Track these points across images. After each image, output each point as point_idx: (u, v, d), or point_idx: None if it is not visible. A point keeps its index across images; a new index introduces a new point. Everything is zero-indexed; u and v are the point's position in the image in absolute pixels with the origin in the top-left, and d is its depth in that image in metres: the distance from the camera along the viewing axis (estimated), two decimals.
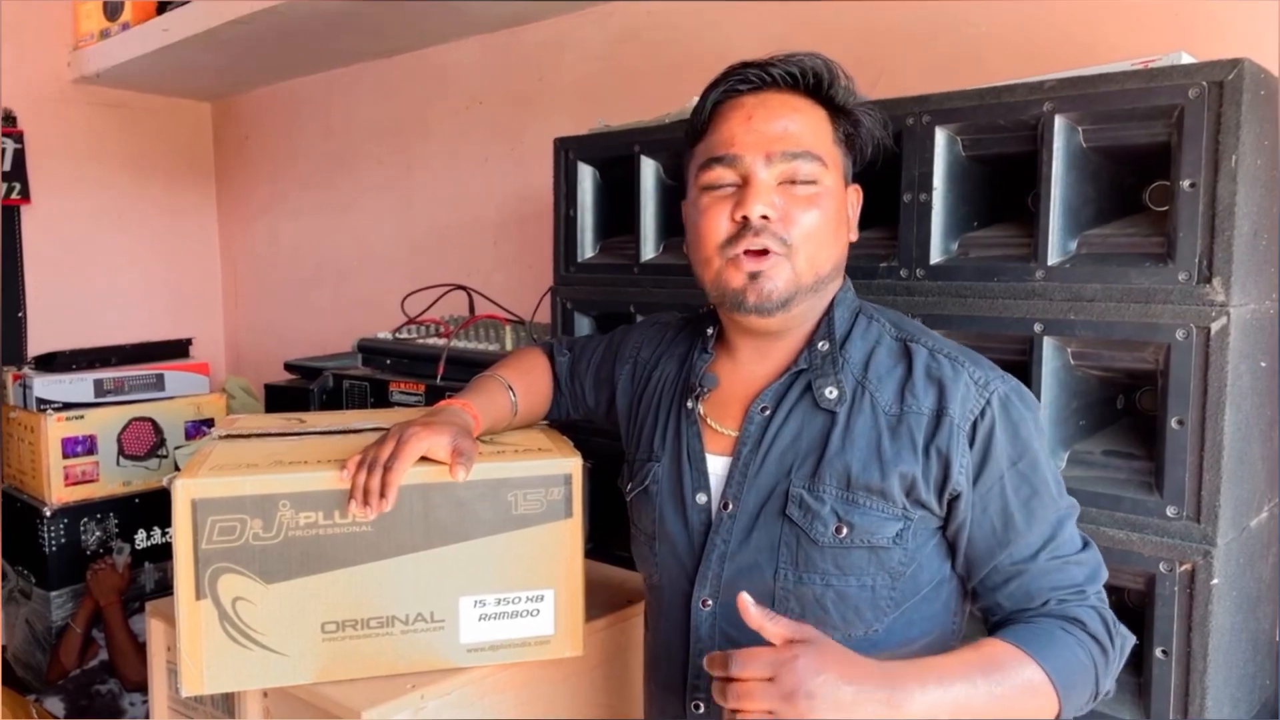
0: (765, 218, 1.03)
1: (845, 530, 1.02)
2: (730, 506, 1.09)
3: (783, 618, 0.90)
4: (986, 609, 1.07)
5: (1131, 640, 1.04)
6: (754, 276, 1.04)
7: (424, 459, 1.16)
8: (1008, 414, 1.02)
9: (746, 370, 1.14)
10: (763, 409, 1.10)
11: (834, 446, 1.04)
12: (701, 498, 1.12)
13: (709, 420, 1.15)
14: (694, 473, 1.13)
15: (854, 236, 1.14)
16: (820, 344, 1.09)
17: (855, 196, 1.14)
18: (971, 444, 1.01)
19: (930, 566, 1.05)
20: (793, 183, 1.04)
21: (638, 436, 1.24)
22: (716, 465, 1.12)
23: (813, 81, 1.07)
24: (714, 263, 1.07)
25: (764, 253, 1.03)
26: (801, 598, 1.05)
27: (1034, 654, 0.94)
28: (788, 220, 1.03)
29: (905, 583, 1.04)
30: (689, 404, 1.16)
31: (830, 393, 1.06)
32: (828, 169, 1.06)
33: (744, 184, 1.05)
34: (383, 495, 1.13)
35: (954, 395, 1.02)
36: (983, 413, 1.01)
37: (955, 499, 1.02)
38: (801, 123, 1.05)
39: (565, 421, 1.45)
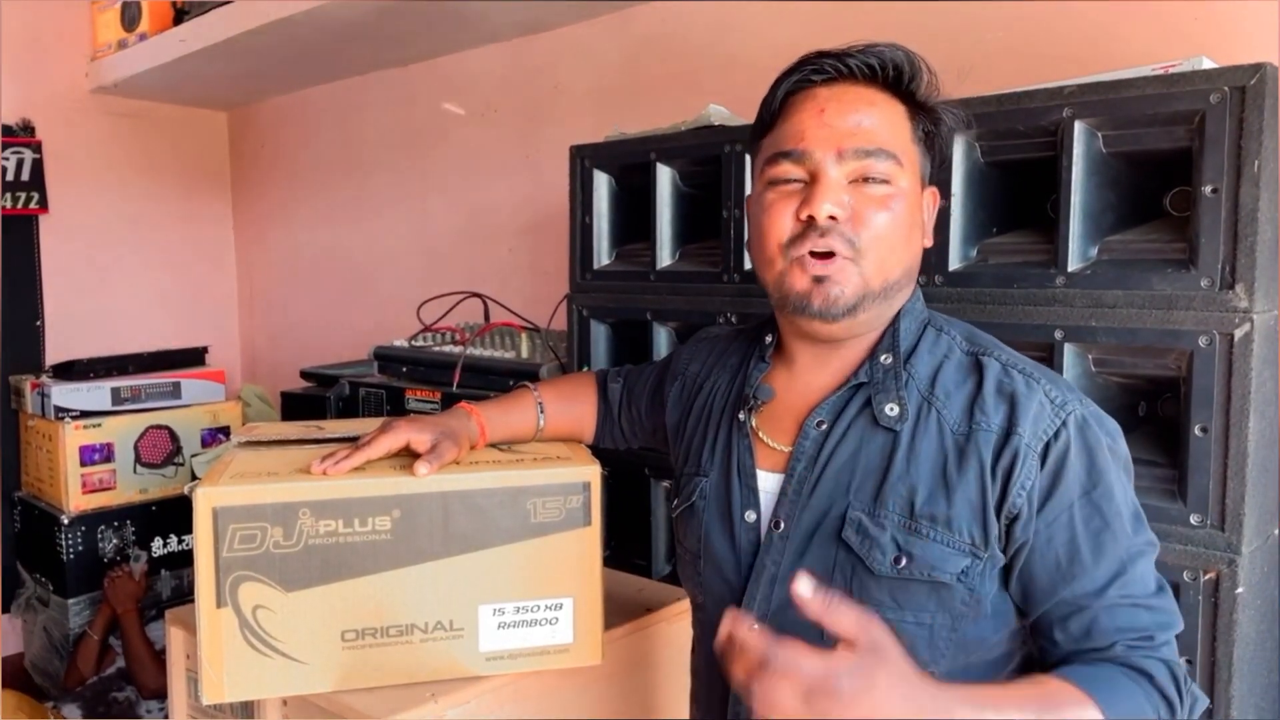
0: (833, 218, 0.96)
1: (905, 561, 0.95)
2: (782, 526, 1.02)
3: (846, 607, 0.79)
4: (1043, 648, 0.98)
5: (1205, 702, 0.98)
6: (819, 280, 0.97)
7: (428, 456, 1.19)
8: (1084, 438, 0.94)
9: (803, 382, 1.07)
10: (819, 424, 1.03)
11: (898, 469, 0.97)
12: (751, 516, 1.05)
13: (761, 434, 1.08)
14: (743, 489, 1.07)
15: (929, 242, 1.06)
16: (883, 357, 1.02)
17: (932, 199, 1.06)
18: (1042, 466, 0.93)
19: (996, 610, 0.97)
20: (865, 181, 0.97)
21: (685, 451, 1.18)
22: (768, 482, 1.05)
23: (893, 75, 0.99)
24: (777, 264, 1.00)
25: (830, 255, 0.97)
26: None
27: (1097, 698, 0.87)
28: (857, 221, 0.96)
29: (968, 626, 0.95)
30: (741, 416, 1.10)
31: (891, 410, 0.99)
32: (903, 168, 0.99)
33: (812, 181, 0.98)
34: (340, 462, 1.17)
35: (1026, 413, 0.94)
36: (1057, 434, 0.93)
37: (1013, 521, 0.94)
38: (878, 118, 0.98)
39: (619, 450, 1.42)
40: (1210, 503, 1.14)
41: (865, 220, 0.97)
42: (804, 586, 0.79)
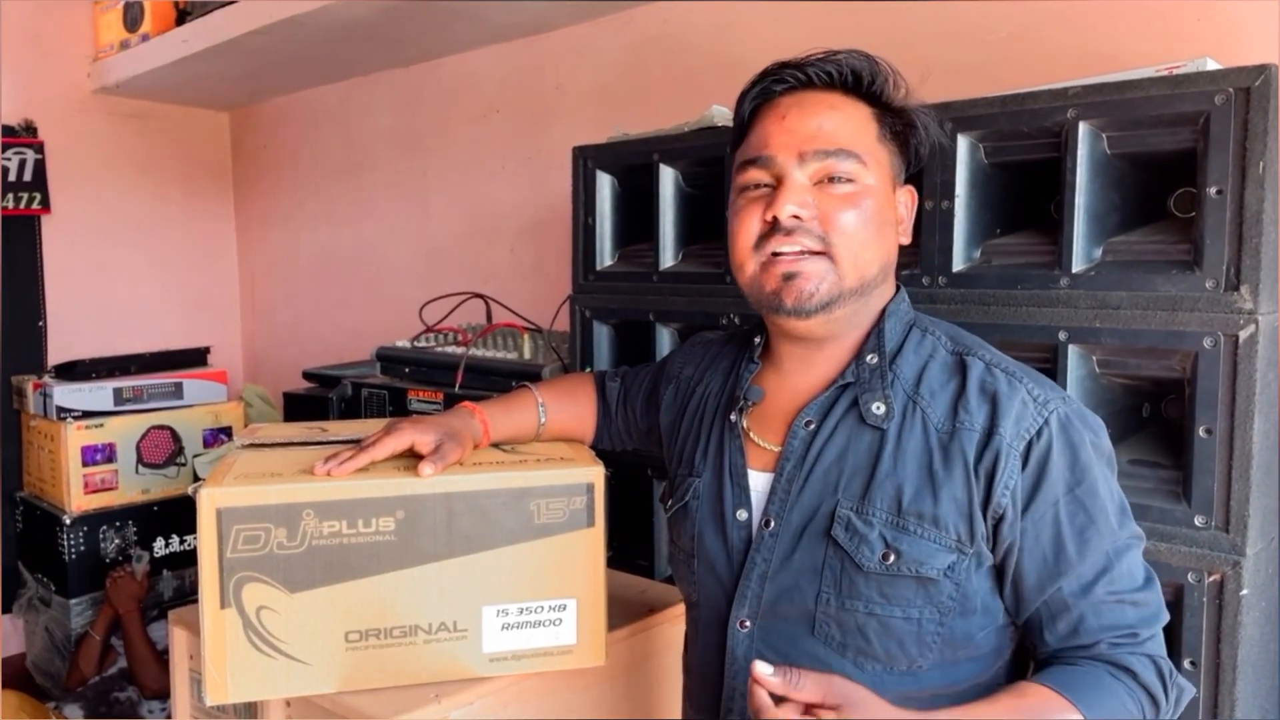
0: (797, 218, 0.99)
1: (893, 557, 0.96)
2: (772, 524, 1.04)
3: (807, 674, 0.83)
4: (1032, 644, 1.01)
5: (1190, 692, 0.99)
6: (789, 277, 1.00)
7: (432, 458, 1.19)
8: (1067, 436, 0.95)
9: (791, 383, 1.10)
10: (807, 423, 1.05)
11: (885, 467, 0.99)
12: (742, 514, 1.08)
13: (752, 434, 1.10)
14: (735, 488, 1.09)
15: (906, 239, 1.09)
16: (869, 357, 1.04)
17: (908, 198, 1.09)
18: (1024, 465, 0.95)
19: (984, 606, 0.99)
20: (830, 181, 1.00)
21: (679, 452, 1.21)
22: (758, 481, 1.08)
23: (851, 79, 1.03)
24: (748, 266, 1.04)
25: (800, 252, 1.00)
26: (843, 624, 0.99)
27: (1079, 704, 0.90)
28: (825, 221, 0.99)
29: (954, 620, 0.98)
30: (732, 417, 1.12)
31: (877, 408, 1.01)
32: (867, 167, 1.01)
33: (778, 184, 1.01)
34: (344, 463, 1.18)
35: (1008, 412, 0.96)
36: (1039, 433, 0.95)
37: (999, 521, 0.96)
38: (838, 120, 1.02)
39: (617, 451, 1.43)
40: (1215, 505, 1.14)
41: (832, 219, 1.00)
42: (763, 668, 0.82)
